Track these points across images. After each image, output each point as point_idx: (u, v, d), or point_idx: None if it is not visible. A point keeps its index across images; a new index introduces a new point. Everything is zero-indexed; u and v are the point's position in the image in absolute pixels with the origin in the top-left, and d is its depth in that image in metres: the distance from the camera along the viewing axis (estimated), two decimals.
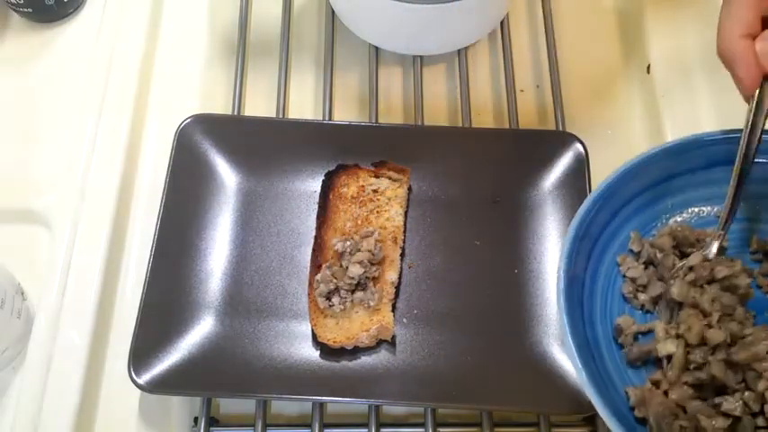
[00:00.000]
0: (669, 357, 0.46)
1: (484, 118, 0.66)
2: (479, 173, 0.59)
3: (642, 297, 0.50)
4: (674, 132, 0.61)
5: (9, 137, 0.63)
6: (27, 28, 0.68)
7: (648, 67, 0.66)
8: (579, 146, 0.58)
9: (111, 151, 0.60)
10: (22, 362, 0.53)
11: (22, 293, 0.54)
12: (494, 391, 0.51)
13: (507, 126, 0.63)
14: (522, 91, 0.66)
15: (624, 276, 0.50)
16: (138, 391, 0.51)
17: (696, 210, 0.52)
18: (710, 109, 0.62)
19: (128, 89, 0.63)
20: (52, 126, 0.63)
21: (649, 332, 0.48)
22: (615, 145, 0.64)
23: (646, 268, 0.50)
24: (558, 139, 0.59)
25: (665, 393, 0.45)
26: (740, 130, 0.46)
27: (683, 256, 0.50)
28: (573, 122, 0.62)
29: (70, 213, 0.58)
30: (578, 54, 0.68)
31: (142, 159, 0.62)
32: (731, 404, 0.43)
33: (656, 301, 0.49)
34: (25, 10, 0.66)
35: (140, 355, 0.51)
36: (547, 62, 0.65)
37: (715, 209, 0.52)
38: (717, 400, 0.44)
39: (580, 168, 0.57)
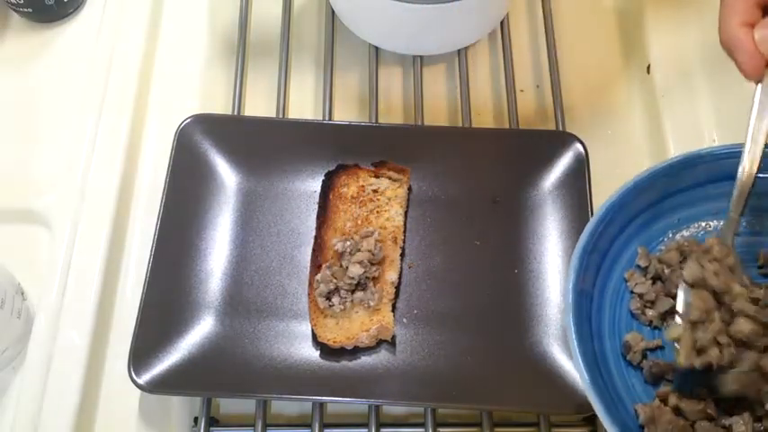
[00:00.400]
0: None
1: (484, 118, 0.66)
2: (479, 173, 0.59)
3: (650, 313, 0.49)
4: (674, 132, 0.61)
5: (9, 137, 0.63)
6: (27, 28, 0.68)
7: (648, 67, 0.65)
8: (579, 146, 0.58)
9: (111, 151, 0.60)
10: (22, 362, 0.53)
11: (22, 293, 0.54)
12: (494, 391, 0.51)
13: (507, 126, 0.63)
14: (522, 91, 0.66)
15: (632, 292, 0.50)
16: (138, 391, 0.51)
17: (703, 224, 0.51)
18: (710, 109, 0.62)
19: (128, 89, 0.63)
20: (52, 126, 0.63)
21: (658, 348, 0.48)
22: (615, 145, 0.64)
23: (653, 284, 0.49)
24: (558, 139, 0.59)
25: (674, 410, 0.45)
26: None
27: None
28: (573, 122, 0.62)
29: (70, 213, 0.58)
30: (578, 54, 0.68)
31: (142, 159, 0.62)
32: (741, 427, 0.43)
33: (664, 317, 0.49)
34: (25, 10, 0.66)
35: (140, 355, 0.51)
36: (547, 62, 0.65)
37: (722, 223, 0.51)
38: (726, 422, 0.44)
39: (580, 168, 0.57)
